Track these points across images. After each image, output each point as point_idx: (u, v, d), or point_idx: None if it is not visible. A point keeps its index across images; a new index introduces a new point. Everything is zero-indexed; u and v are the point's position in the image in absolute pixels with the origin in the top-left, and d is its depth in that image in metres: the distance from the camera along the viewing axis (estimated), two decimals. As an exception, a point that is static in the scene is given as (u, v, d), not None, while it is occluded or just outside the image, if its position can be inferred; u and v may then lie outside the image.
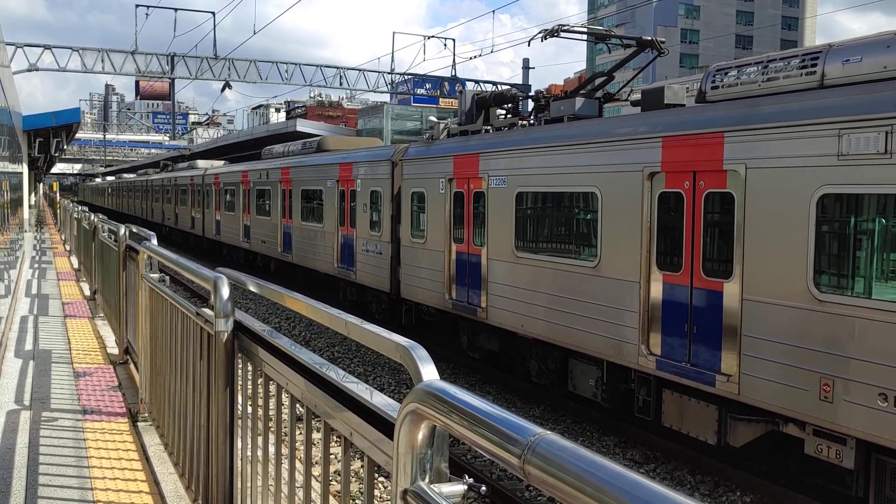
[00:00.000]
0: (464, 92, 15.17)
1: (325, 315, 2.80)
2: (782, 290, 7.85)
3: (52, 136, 25.02)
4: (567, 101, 12.24)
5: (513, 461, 1.36)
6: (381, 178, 16.83)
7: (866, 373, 7.09)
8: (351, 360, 15.53)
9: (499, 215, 12.50)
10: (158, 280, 5.52)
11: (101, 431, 6.00)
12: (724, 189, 8.61)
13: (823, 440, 7.64)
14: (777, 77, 8.45)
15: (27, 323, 11.01)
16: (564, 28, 12.83)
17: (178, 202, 38.84)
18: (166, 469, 5.11)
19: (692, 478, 9.63)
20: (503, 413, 1.48)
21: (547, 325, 11.33)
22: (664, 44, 12.90)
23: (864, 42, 7.90)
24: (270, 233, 24.14)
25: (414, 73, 46.14)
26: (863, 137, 7.11)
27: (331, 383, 2.57)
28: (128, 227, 8.42)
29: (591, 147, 10.57)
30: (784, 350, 7.82)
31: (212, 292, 3.66)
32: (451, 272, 13.97)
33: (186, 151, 59.72)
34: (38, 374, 7.89)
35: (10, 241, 11.84)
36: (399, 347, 2.16)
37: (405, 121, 50.27)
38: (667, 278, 9.35)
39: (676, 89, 10.82)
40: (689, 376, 8.96)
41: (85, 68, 37.68)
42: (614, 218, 10.09)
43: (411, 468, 1.76)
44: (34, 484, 4.92)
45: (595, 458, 1.22)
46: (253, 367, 3.43)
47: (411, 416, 1.73)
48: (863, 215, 7.29)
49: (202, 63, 39.83)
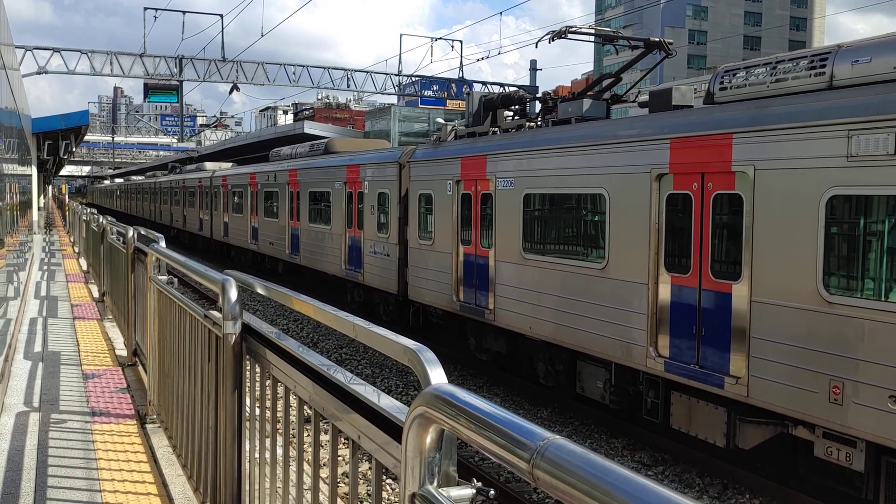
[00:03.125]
0: (471, 94, 15.16)
1: (333, 318, 2.80)
2: (791, 292, 7.82)
3: (61, 138, 25.15)
4: (575, 102, 12.22)
5: (522, 465, 1.35)
6: (388, 179, 16.84)
7: (876, 375, 7.05)
8: (358, 363, 15.54)
9: (506, 217, 12.49)
10: (167, 282, 5.53)
11: (109, 433, 6.01)
12: (732, 190, 8.59)
13: (833, 443, 7.60)
14: (786, 78, 8.42)
15: (36, 325, 11.06)
16: (572, 29, 12.81)
17: (186, 204, 38.96)
18: (174, 471, 5.12)
19: (701, 480, 9.60)
20: (512, 417, 1.47)
21: (555, 326, 11.31)
22: (672, 45, 12.86)
23: (874, 43, 7.86)
24: (278, 235, 24.19)
25: (421, 75, 46.18)
26: (872, 138, 7.08)
27: (338, 386, 2.57)
28: (136, 229, 8.44)
29: (598, 148, 10.55)
30: (793, 352, 7.79)
31: (220, 295, 3.67)
32: (458, 274, 13.96)
33: (194, 153, 59.97)
34: (46, 376, 7.92)
35: (20, 244, 11.89)
36: (407, 350, 2.15)
37: (412, 122, 50.36)
38: (675, 280, 9.32)
39: (684, 90, 10.80)
40: (697, 378, 8.93)
41: (94, 71, 37.82)
42: (622, 219, 10.07)
43: (420, 472, 1.76)
44: (43, 485, 4.94)
45: (604, 462, 1.21)
46: (261, 370, 3.43)
47: (420, 419, 1.73)
48: (872, 216, 7.25)
49: (210, 65, 39.93)
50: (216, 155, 54.88)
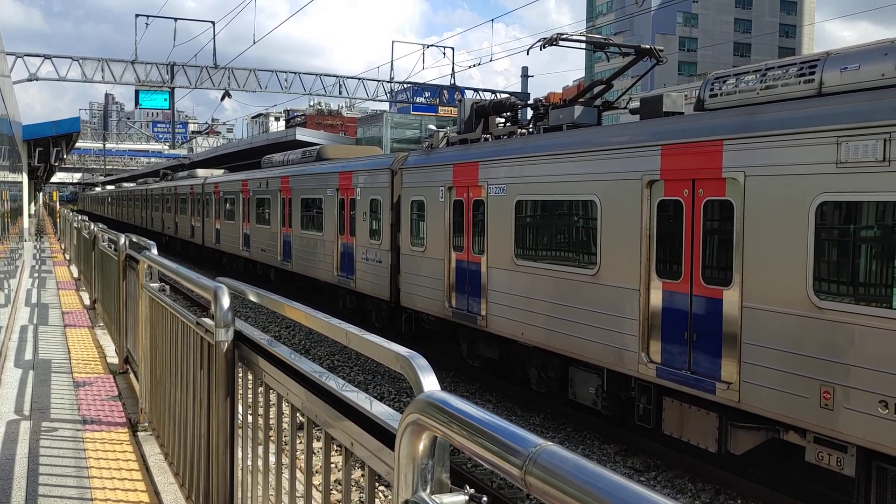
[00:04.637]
0: (463, 100, 15.20)
1: (326, 325, 2.80)
2: (782, 298, 7.86)
3: (52, 145, 25.05)
4: (566, 109, 12.26)
5: (514, 472, 1.36)
6: (380, 186, 16.85)
7: (867, 380, 7.09)
8: (350, 369, 15.52)
9: (498, 223, 12.51)
10: (159, 289, 5.52)
11: (100, 441, 5.99)
12: (723, 197, 8.63)
13: (824, 448, 7.63)
14: (775, 85, 8.47)
15: (27, 332, 11.01)
16: (563, 37, 12.86)
17: (178, 211, 38.87)
18: (166, 479, 5.10)
19: (693, 486, 9.61)
20: (505, 424, 1.48)
21: (547, 332, 11.32)
22: (662, 52, 12.92)
23: (862, 50, 7.92)
24: (270, 241, 24.15)
25: (413, 82, 46.24)
26: (861, 145, 7.13)
27: (331, 393, 2.57)
28: (128, 236, 8.42)
29: (590, 155, 10.59)
30: (784, 357, 7.82)
31: (212, 302, 3.66)
32: (450, 280, 13.97)
33: (186, 160, 59.79)
34: (37, 384, 7.88)
35: (10, 251, 11.84)
36: (400, 358, 2.16)
37: (404, 129, 50.35)
38: (666, 286, 9.35)
39: (675, 97, 10.84)
40: (689, 384, 8.95)
41: (85, 78, 37.72)
42: (614, 226, 10.10)
43: (413, 479, 1.77)
44: (34, 494, 4.91)
45: (597, 469, 1.22)
46: (253, 377, 3.43)
47: (412, 426, 1.73)
48: (862, 222, 7.30)
49: (202, 72, 39.87)
50: (208, 162, 54.73)
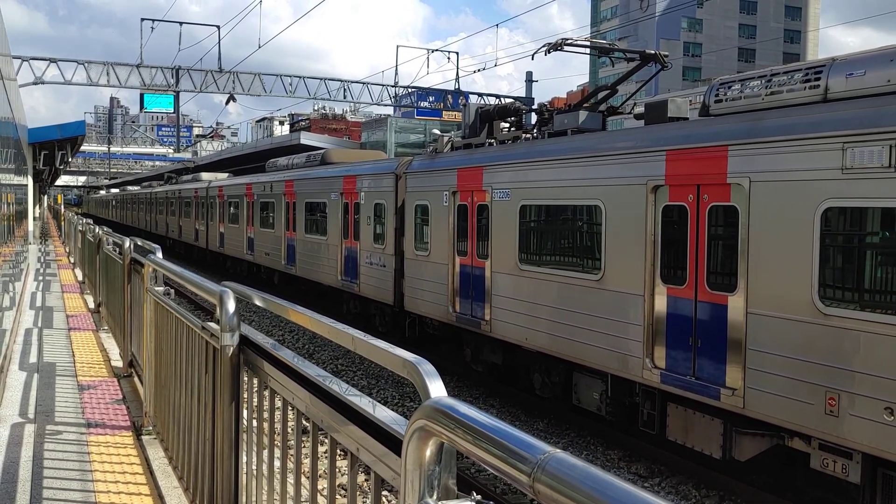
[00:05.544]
0: (467, 105, 15.21)
1: (332, 330, 2.80)
2: (787, 304, 7.84)
3: (57, 148, 25.13)
4: (570, 114, 12.26)
5: (522, 479, 1.35)
6: (384, 190, 16.86)
7: (872, 387, 7.06)
8: (354, 374, 15.51)
9: (502, 228, 12.51)
10: (163, 293, 5.53)
11: (105, 445, 5.99)
12: (728, 202, 8.61)
13: (829, 454, 7.60)
14: (780, 91, 8.47)
15: (31, 335, 11.02)
16: (568, 42, 12.87)
17: (182, 215, 38.92)
18: (171, 483, 5.10)
19: (697, 492, 9.59)
20: (513, 431, 1.48)
21: (551, 338, 11.31)
22: (667, 57, 12.92)
23: (868, 56, 7.92)
24: (274, 245, 24.17)
25: (417, 87, 46.30)
26: (867, 151, 7.12)
27: (335, 397, 2.57)
28: (133, 239, 8.43)
29: (594, 160, 10.58)
30: (789, 364, 7.80)
31: (217, 306, 3.66)
32: (454, 285, 13.96)
33: (190, 164, 59.92)
34: (42, 387, 7.89)
35: (15, 254, 11.87)
36: (406, 363, 2.15)
37: (409, 134, 50.41)
38: (671, 291, 9.34)
39: (680, 102, 10.84)
40: (693, 390, 8.93)
41: (90, 81, 37.86)
42: (618, 231, 10.09)
43: (419, 485, 1.76)
44: (38, 497, 4.92)
45: (606, 476, 1.21)
46: (258, 381, 3.43)
47: (420, 432, 1.73)
48: (867, 229, 7.29)
49: (207, 76, 39.99)
50: (212, 165, 54.85)
